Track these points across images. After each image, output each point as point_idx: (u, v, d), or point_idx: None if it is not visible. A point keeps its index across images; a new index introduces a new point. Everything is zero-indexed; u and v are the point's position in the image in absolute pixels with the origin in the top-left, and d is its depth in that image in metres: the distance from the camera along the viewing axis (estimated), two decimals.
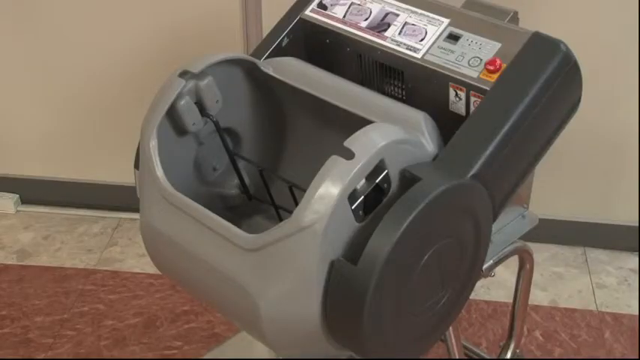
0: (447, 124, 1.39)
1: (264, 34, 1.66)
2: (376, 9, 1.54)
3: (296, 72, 1.52)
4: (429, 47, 1.46)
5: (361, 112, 1.40)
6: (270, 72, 1.51)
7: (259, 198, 1.59)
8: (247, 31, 2.34)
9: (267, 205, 1.56)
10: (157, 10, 2.37)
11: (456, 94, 1.43)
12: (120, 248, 2.60)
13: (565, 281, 2.46)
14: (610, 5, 2.20)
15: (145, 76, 2.45)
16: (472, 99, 1.41)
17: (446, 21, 1.48)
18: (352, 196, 1.24)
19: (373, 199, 1.27)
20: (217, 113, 1.47)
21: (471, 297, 1.47)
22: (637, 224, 2.49)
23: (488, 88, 1.37)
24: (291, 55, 1.58)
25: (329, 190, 1.21)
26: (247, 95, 1.56)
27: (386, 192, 1.28)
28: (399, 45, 1.48)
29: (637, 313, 2.31)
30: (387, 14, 1.53)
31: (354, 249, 1.25)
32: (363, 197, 1.25)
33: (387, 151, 1.26)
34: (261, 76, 1.53)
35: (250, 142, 1.58)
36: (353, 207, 1.24)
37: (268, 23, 1.77)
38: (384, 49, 1.49)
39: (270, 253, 1.27)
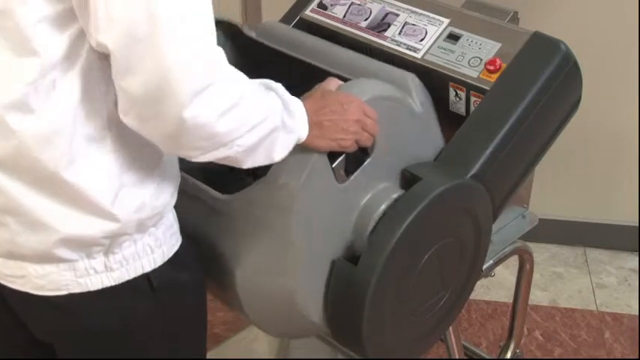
0: (447, 124, 1.39)
1: None
2: (376, 9, 1.54)
3: (280, 35, 1.47)
4: (429, 47, 1.46)
5: (347, 73, 1.35)
6: (254, 36, 1.47)
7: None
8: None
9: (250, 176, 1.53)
10: None
11: (456, 94, 1.43)
12: None
13: (565, 281, 2.46)
14: (610, 5, 2.20)
15: None
16: (472, 99, 1.41)
17: (446, 21, 1.48)
18: (332, 154, 1.20)
19: (356, 159, 1.23)
20: None
21: (471, 297, 1.47)
22: (637, 224, 2.49)
23: (488, 88, 1.37)
24: None
25: (317, 141, 1.17)
26: (230, 60, 1.51)
27: (370, 151, 1.25)
28: (399, 45, 1.48)
29: (637, 313, 2.31)
30: (387, 14, 1.53)
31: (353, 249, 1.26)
32: (344, 155, 1.21)
33: (371, 105, 1.22)
34: (245, 41, 1.48)
35: None
36: (333, 165, 1.20)
37: None
38: (384, 49, 1.49)
39: (244, 215, 1.23)
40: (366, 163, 1.24)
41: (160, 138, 1.02)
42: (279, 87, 1.13)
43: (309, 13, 1.60)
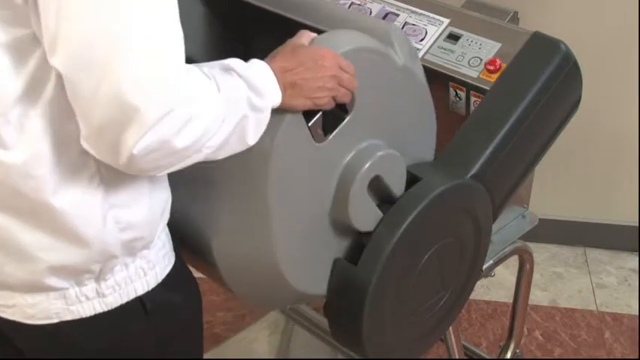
0: (447, 124, 1.39)
1: None
2: (376, 9, 1.54)
3: None
4: (429, 47, 1.46)
5: (326, 25, 1.27)
6: None
7: None
8: None
9: None
10: None
11: (456, 94, 1.43)
12: None
13: (565, 281, 2.46)
14: (610, 5, 2.20)
15: None
16: (472, 99, 1.41)
17: (446, 21, 1.48)
18: (308, 113, 1.14)
19: (334, 117, 1.18)
20: None
21: (471, 297, 1.47)
22: (637, 224, 2.49)
23: (488, 88, 1.37)
24: None
25: (292, 101, 1.10)
26: (200, 17, 1.44)
27: (349, 108, 1.19)
28: None
29: (637, 313, 2.31)
30: (387, 14, 1.53)
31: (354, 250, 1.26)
32: (320, 114, 1.16)
33: (348, 58, 1.15)
34: None
35: None
36: (310, 124, 1.15)
37: None
38: None
39: (218, 181, 1.17)
40: (345, 120, 1.19)
41: (120, 167, 0.96)
42: (237, 65, 1.05)
43: None
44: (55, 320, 1.08)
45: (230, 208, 1.19)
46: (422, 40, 1.47)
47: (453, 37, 1.45)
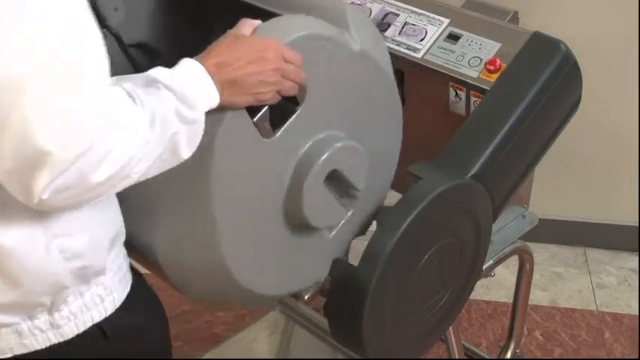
0: (447, 124, 1.39)
1: None
2: (376, 9, 1.54)
3: None
4: (429, 47, 1.46)
5: (279, 7, 1.18)
6: None
7: None
8: None
9: None
10: None
11: (456, 94, 1.43)
12: None
13: (565, 281, 2.46)
14: (610, 5, 2.20)
15: None
16: (472, 99, 1.41)
17: (446, 21, 1.48)
18: (253, 107, 1.07)
19: (283, 110, 1.10)
20: (120, 25, 1.20)
21: (471, 297, 1.47)
22: (637, 224, 2.49)
23: (488, 88, 1.37)
24: None
25: (232, 98, 1.03)
26: (156, 1, 1.33)
27: (300, 99, 1.11)
28: (399, 45, 1.48)
29: (637, 313, 2.31)
30: (387, 14, 1.53)
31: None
32: (266, 108, 1.08)
33: (294, 47, 1.07)
34: None
35: (171, 59, 1.18)
36: (255, 119, 1.08)
37: None
38: None
39: (162, 182, 1.06)
40: (296, 113, 1.11)
41: (34, 207, 0.89)
42: (163, 76, 0.97)
43: None
44: (9, 355, 1.04)
45: (175, 211, 1.13)
46: (422, 40, 1.47)
47: (453, 37, 1.45)
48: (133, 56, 1.24)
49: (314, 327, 1.94)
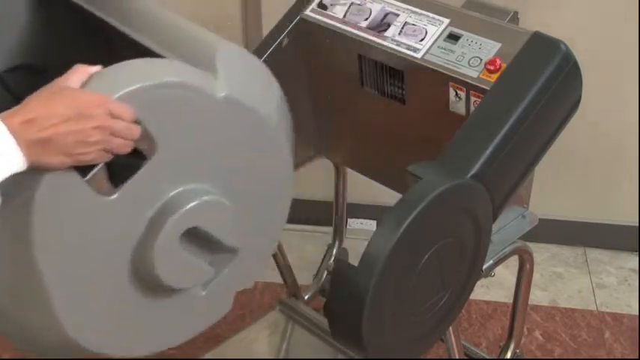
0: (447, 124, 1.39)
1: (264, 34, 1.66)
2: (376, 9, 1.54)
3: None
4: (429, 47, 1.46)
5: (150, 41, 1.09)
6: None
7: None
8: (247, 31, 2.34)
9: None
10: None
11: (456, 94, 1.43)
12: None
13: (565, 281, 2.45)
14: (610, 5, 2.20)
15: None
16: (472, 99, 1.41)
17: (446, 21, 1.48)
18: (83, 166, 0.98)
19: (126, 166, 1.01)
20: None
21: (471, 297, 1.47)
22: (637, 224, 2.49)
23: (488, 88, 1.37)
24: (292, 55, 1.58)
25: (45, 160, 0.92)
26: (33, 24, 1.25)
27: (147, 154, 1.02)
28: (399, 45, 1.48)
29: (637, 313, 2.31)
30: (387, 14, 1.53)
31: None
32: (101, 165, 0.99)
33: (130, 100, 0.97)
34: None
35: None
36: (87, 178, 0.99)
37: (268, 23, 1.77)
38: (384, 49, 1.49)
39: None
40: (141, 169, 1.02)
41: None
42: None
43: (309, 13, 1.60)
44: None
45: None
46: (422, 40, 1.47)
47: (453, 37, 1.45)
48: (7, 82, 1.18)
49: (314, 327, 1.95)
